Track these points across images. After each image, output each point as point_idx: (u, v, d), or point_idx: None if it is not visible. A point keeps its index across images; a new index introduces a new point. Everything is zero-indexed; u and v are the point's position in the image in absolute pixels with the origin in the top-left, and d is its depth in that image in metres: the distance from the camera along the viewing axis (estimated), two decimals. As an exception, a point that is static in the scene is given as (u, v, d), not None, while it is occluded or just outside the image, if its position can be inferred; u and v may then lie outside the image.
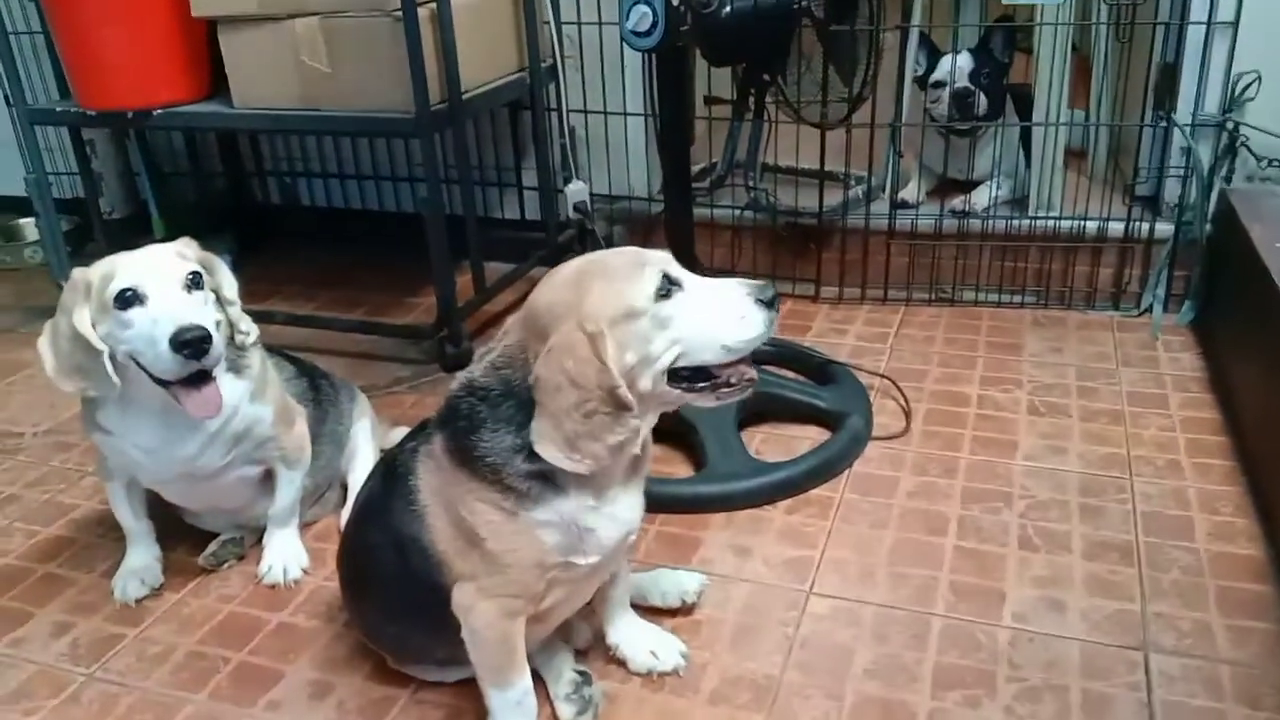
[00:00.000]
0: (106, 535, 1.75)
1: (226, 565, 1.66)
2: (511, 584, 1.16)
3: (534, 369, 1.09)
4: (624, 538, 1.22)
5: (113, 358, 1.37)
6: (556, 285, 1.14)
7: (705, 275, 1.17)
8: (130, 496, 1.60)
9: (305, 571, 1.63)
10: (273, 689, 1.40)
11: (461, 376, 1.19)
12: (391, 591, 1.28)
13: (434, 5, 2.05)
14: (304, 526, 1.71)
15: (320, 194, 3.04)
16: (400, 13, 1.97)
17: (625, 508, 1.20)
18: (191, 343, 1.33)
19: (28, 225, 3.21)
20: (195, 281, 1.41)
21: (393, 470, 1.27)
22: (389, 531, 1.24)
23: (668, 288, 1.11)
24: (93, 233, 2.73)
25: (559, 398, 1.08)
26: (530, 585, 1.17)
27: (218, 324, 1.41)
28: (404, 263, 2.79)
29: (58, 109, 2.44)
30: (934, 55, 2.51)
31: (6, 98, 3.08)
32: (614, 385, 1.07)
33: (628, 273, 1.12)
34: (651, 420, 1.19)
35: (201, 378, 1.38)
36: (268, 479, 1.63)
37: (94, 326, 1.37)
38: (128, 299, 1.36)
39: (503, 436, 1.12)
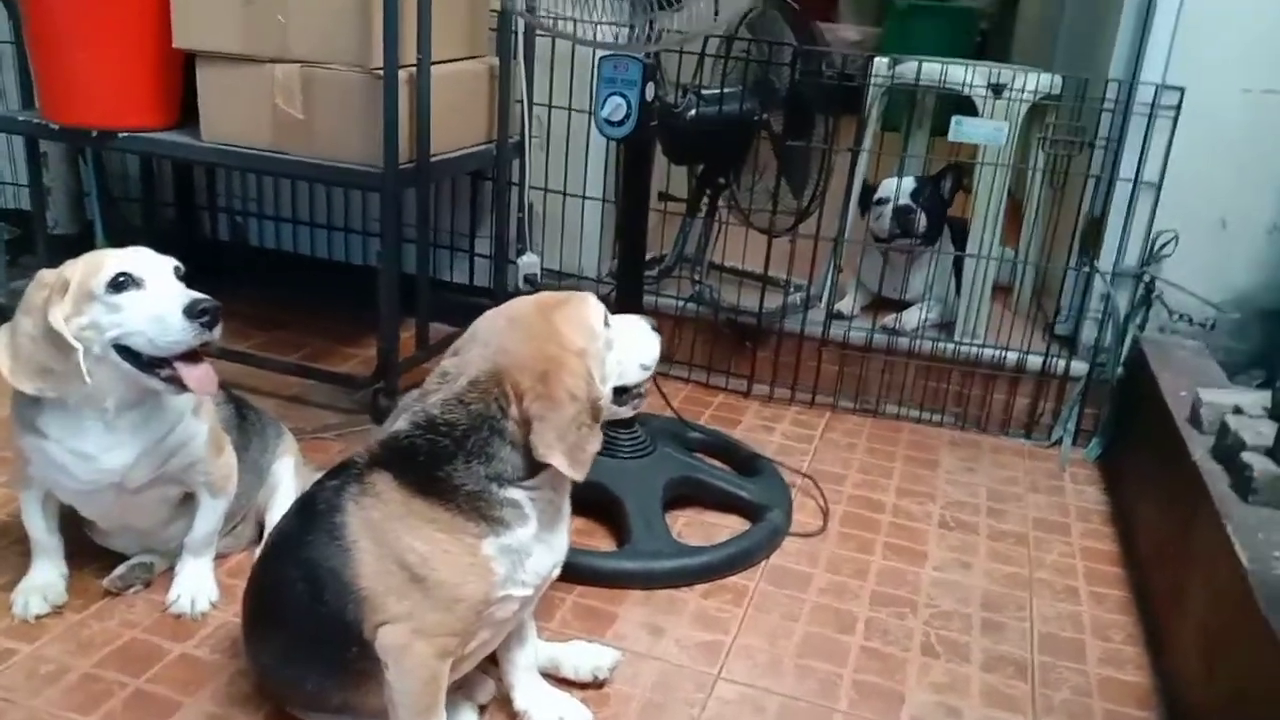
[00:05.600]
0: (8, 549, 1.70)
1: (133, 590, 1.62)
2: (454, 621, 1.19)
3: (532, 392, 1.18)
4: (552, 569, 1.30)
5: (87, 354, 1.37)
6: (523, 321, 1.25)
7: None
8: (45, 509, 1.56)
9: (214, 605, 1.60)
10: (169, 719, 1.37)
11: (410, 417, 1.23)
12: (297, 628, 1.27)
13: (414, 69, 2.12)
14: (216, 559, 1.68)
15: (270, 236, 3.05)
16: (381, 70, 2.03)
17: (560, 538, 1.30)
18: (208, 309, 1.37)
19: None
20: (180, 274, 1.44)
21: (312, 506, 1.28)
22: (304, 566, 1.24)
23: (606, 317, 1.32)
24: (33, 246, 2.69)
25: (561, 412, 1.19)
26: (470, 622, 1.21)
27: None
28: (344, 313, 2.81)
29: (19, 118, 2.43)
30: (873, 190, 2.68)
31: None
32: (599, 396, 1.25)
33: (581, 304, 1.29)
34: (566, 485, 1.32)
35: (195, 356, 1.41)
36: (185, 502, 1.61)
37: (71, 322, 1.37)
38: (121, 283, 1.37)
39: (476, 467, 1.20)
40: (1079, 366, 2.43)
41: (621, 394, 1.35)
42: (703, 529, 1.96)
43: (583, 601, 1.70)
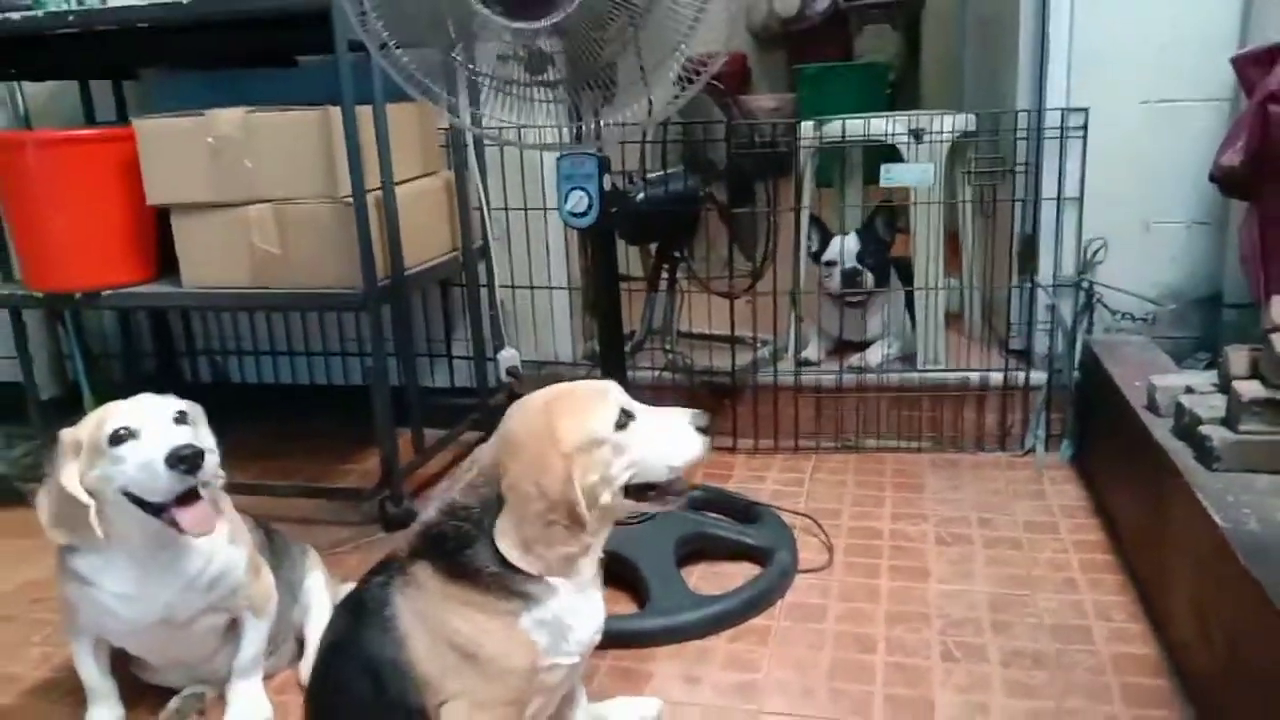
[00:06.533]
0: (60, 701, 1.76)
1: (189, 721, 1.69)
2: (508, 691, 1.27)
3: (508, 477, 1.26)
4: (593, 636, 1.37)
5: (100, 509, 1.45)
6: (529, 413, 1.31)
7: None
8: (96, 654, 1.63)
9: (269, 722, 1.66)
10: (248, 834, 1.42)
11: (439, 504, 1.32)
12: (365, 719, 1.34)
13: (379, 193, 2.25)
14: (264, 679, 1.74)
15: (251, 371, 3.14)
16: (350, 199, 2.16)
17: (596, 606, 1.36)
18: (186, 457, 1.43)
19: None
20: (183, 418, 1.53)
21: (362, 605, 1.35)
22: (364, 662, 1.30)
23: (624, 419, 1.31)
24: (21, 414, 2.76)
25: (526, 505, 1.25)
26: (523, 691, 1.28)
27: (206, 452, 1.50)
28: (333, 432, 2.90)
29: (3, 291, 2.52)
30: (825, 233, 2.82)
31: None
32: (574, 501, 1.25)
33: (590, 405, 1.31)
34: (604, 534, 1.35)
35: (193, 496, 1.47)
36: (230, 630, 1.68)
37: (86, 476, 1.46)
38: (120, 436, 1.46)
39: (493, 549, 1.26)
40: (1038, 376, 2.58)
41: (647, 490, 1.35)
42: (717, 579, 2.05)
43: (618, 664, 1.78)
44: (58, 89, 2.97)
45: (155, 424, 1.49)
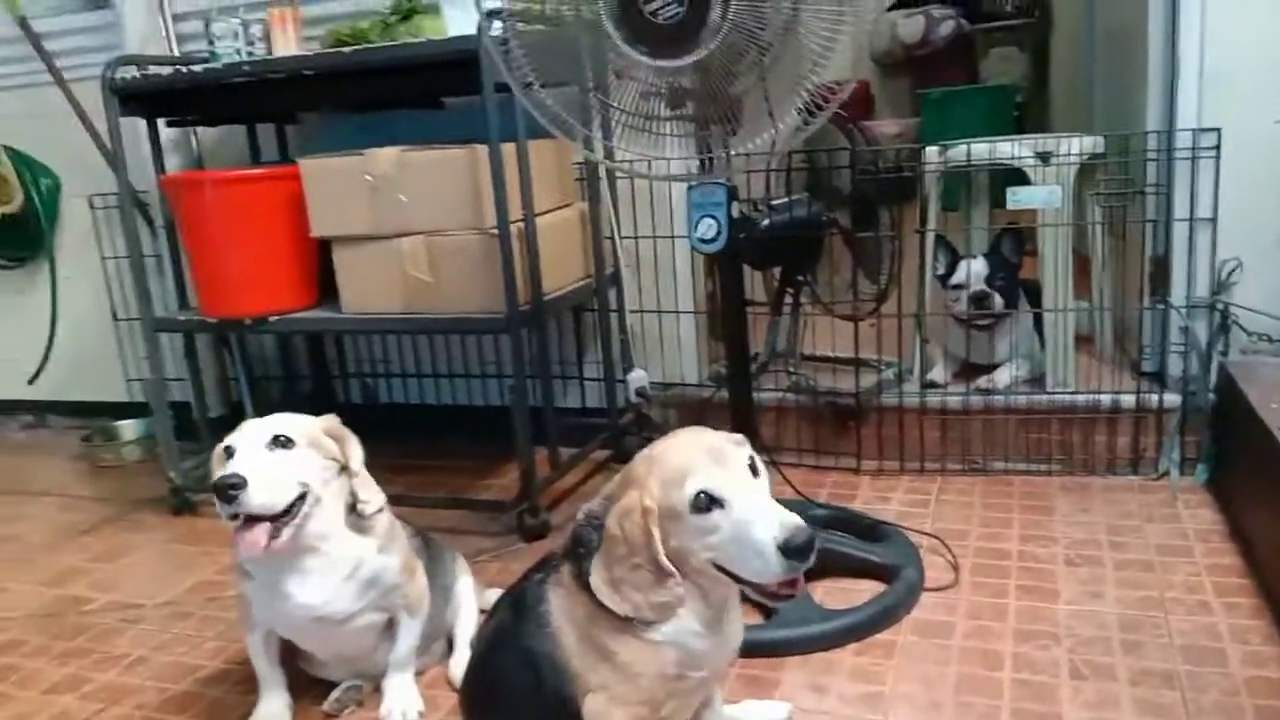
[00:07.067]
0: (233, 690, 1.93)
1: (349, 710, 1.83)
2: (641, 690, 1.34)
3: (610, 513, 1.32)
4: (727, 655, 1.42)
5: None
6: (643, 456, 1.35)
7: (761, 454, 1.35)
8: (267, 646, 1.79)
9: (421, 715, 1.79)
10: (407, 812, 1.55)
11: (583, 509, 1.42)
12: (522, 708, 1.45)
13: (521, 224, 2.40)
14: (416, 675, 1.88)
15: (399, 392, 3.34)
16: (496, 230, 2.31)
17: (730, 629, 1.41)
18: (220, 489, 1.55)
19: (124, 426, 3.51)
20: (280, 442, 1.64)
21: (522, 600, 1.46)
22: (522, 653, 1.42)
23: (707, 504, 1.26)
24: (192, 431, 3.00)
25: (614, 546, 1.31)
26: (655, 692, 1.35)
27: (304, 485, 1.63)
28: (473, 450, 3.07)
29: (180, 317, 2.77)
30: (952, 255, 2.84)
31: (114, 313, 3.46)
32: (655, 554, 1.27)
33: (677, 477, 1.27)
34: (714, 588, 1.33)
35: (254, 520, 1.58)
36: (387, 630, 1.82)
37: None
38: (224, 456, 1.62)
39: None
40: (1172, 399, 2.55)
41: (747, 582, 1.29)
42: (843, 595, 2.10)
43: (745, 673, 1.86)
44: (227, 133, 3.23)
45: (246, 447, 1.62)
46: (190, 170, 3.17)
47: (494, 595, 1.94)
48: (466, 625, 1.95)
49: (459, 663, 1.86)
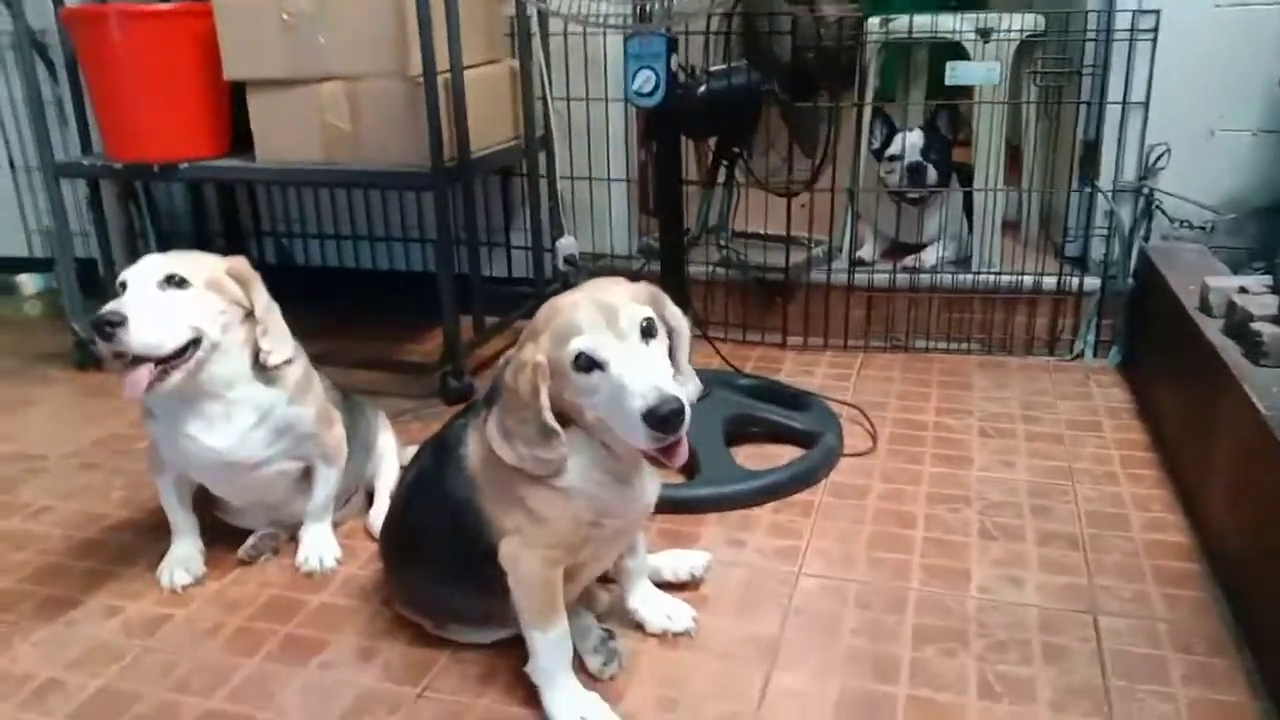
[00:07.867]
0: (143, 536, 1.89)
1: (264, 558, 1.80)
2: (553, 534, 1.33)
3: (510, 363, 1.30)
4: (641, 508, 1.41)
5: None
6: (548, 304, 1.30)
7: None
8: (180, 491, 1.75)
9: (339, 561, 1.77)
10: (322, 653, 1.54)
11: (508, 354, 1.39)
12: (441, 553, 1.44)
13: (448, 74, 2.30)
14: (333, 526, 1.86)
15: (315, 254, 3.24)
16: (421, 77, 2.21)
17: (639, 485, 1.38)
18: (98, 325, 1.48)
19: (24, 281, 3.36)
20: (174, 281, 1.55)
21: (444, 445, 1.44)
22: (443, 497, 1.40)
23: (588, 364, 1.22)
24: (97, 290, 2.87)
25: (507, 398, 1.29)
26: (567, 536, 1.34)
27: (196, 329, 1.55)
28: (395, 314, 3.00)
29: (84, 162, 2.62)
30: (889, 128, 2.81)
31: (10, 161, 3.27)
32: (540, 411, 1.25)
33: (565, 334, 1.24)
34: (598, 449, 1.31)
35: (138, 361, 1.51)
36: (304, 479, 1.78)
37: None
38: (120, 291, 1.55)
39: None
40: (1091, 282, 2.59)
41: None
42: (763, 458, 2.12)
43: (666, 527, 1.87)
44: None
45: (137, 285, 1.54)
46: (96, 3, 2.96)
47: (412, 452, 1.91)
48: (387, 478, 1.92)
49: (378, 513, 1.84)
